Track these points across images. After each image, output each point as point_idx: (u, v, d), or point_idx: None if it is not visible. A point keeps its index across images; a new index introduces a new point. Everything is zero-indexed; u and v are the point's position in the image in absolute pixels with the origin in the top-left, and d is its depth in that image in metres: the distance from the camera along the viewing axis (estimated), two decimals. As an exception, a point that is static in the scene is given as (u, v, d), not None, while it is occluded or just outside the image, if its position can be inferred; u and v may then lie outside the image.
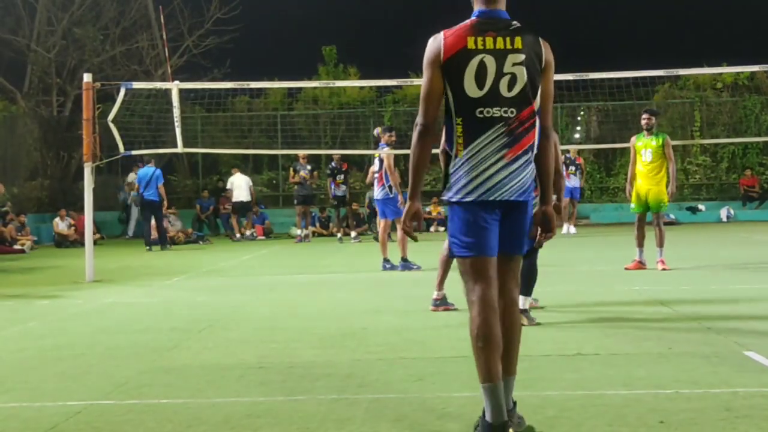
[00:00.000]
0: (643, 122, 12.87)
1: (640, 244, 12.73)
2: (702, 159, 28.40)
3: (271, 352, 7.08)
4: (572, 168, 22.50)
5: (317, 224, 25.70)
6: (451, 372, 6.05)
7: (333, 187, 22.49)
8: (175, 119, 14.82)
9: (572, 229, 22.16)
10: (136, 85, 17.06)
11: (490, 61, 4.35)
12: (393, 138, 13.92)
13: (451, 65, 4.36)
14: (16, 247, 20.97)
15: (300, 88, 28.54)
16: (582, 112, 29.87)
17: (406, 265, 13.62)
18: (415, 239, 4.83)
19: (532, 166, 4.49)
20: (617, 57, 24.42)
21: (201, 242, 23.36)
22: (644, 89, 27.47)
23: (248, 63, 30.05)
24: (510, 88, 4.37)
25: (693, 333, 7.43)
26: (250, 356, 6.88)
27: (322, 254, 18.36)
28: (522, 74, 4.37)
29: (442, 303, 9.09)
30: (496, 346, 4.30)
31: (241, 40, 30.31)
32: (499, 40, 4.36)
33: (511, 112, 4.38)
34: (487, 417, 4.24)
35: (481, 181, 4.38)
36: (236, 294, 11.35)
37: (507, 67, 4.36)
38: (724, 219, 26.66)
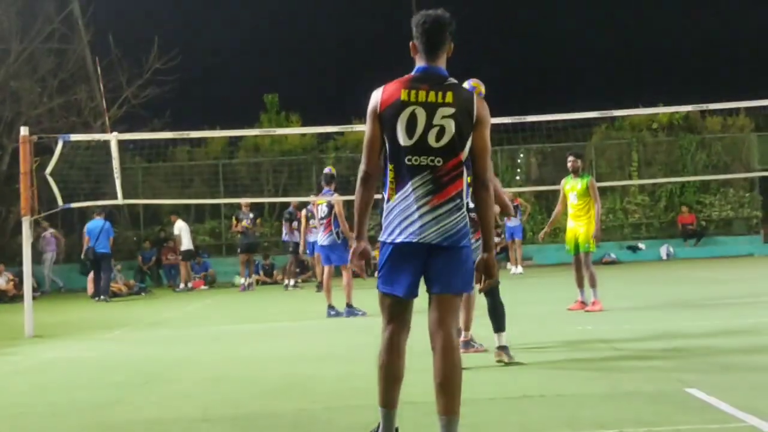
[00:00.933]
0: (568, 165, 13.10)
1: (580, 285, 12.83)
2: (641, 198, 28.82)
3: (215, 404, 6.99)
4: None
5: (261, 272, 25.52)
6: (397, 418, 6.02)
7: (286, 232, 22.42)
8: (115, 170, 14.67)
9: (518, 269, 22.33)
10: (74, 137, 16.86)
11: (420, 113, 4.69)
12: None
13: (386, 115, 4.75)
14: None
15: (241, 137, 28.47)
16: (521, 155, 30.20)
17: (351, 311, 13.59)
18: (363, 277, 5.27)
19: (461, 213, 4.77)
20: (555, 99, 24.86)
21: (143, 293, 23.06)
22: (582, 130, 28.07)
23: (188, 112, 29.99)
24: (438, 138, 4.69)
25: (636, 372, 7.50)
26: (194, 409, 6.79)
27: (267, 302, 18.25)
28: (450, 127, 4.69)
29: (469, 345, 8.77)
30: (395, 380, 4.82)
31: (180, 90, 30.18)
32: (431, 93, 4.71)
33: (438, 161, 4.71)
34: None
35: (407, 225, 4.72)
36: (179, 345, 11.21)
37: (436, 119, 4.69)
38: (664, 257, 27.05)
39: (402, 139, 4.71)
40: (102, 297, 20.85)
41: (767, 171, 27.10)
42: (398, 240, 4.74)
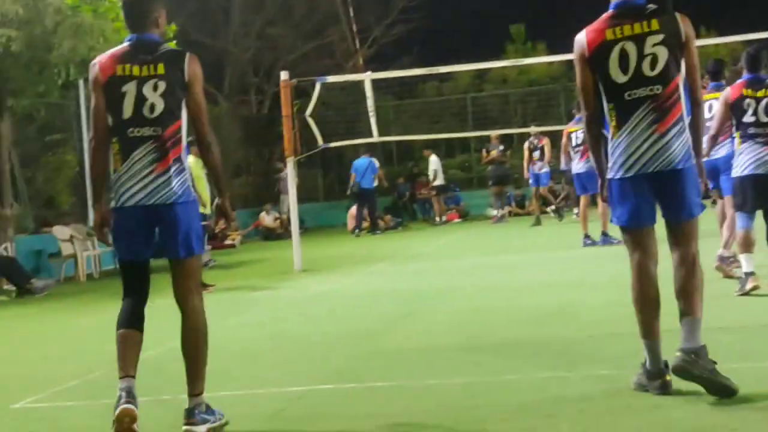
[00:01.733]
0: None
1: None
2: None
3: (479, 333, 7.17)
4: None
5: (513, 203, 25.56)
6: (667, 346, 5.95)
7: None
8: (369, 109, 15.10)
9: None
10: (331, 79, 17.47)
11: (630, 47, 4.72)
12: None
13: (596, 58, 4.81)
14: (227, 242, 21.95)
15: (488, 69, 28.44)
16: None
17: (606, 239, 13.41)
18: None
19: (686, 134, 4.81)
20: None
21: (400, 228, 23.72)
22: None
23: (435, 48, 30.22)
24: (653, 67, 4.71)
25: None
26: (459, 337, 6.99)
27: (519, 234, 18.30)
28: (662, 53, 4.71)
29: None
30: (653, 308, 4.80)
31: (426, 26, 30.50)
32: (636, 26, 4.72)
33: (658, 89, 4.73)
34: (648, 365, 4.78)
35: (637, 157, 4.77)
36: (438, 277, 11.51)
37: (647, 49, 4.71)
38: None
39: (617, 77, 4.76)
40: (372, 230, 22.19)
41: None
42: (630, 174, 4.80)
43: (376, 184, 22.95)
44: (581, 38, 4.87)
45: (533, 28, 31.56)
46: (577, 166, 14.06)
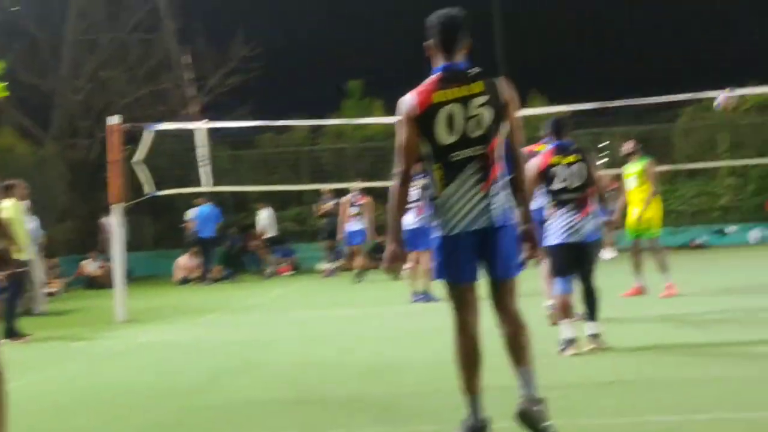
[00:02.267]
0: (624, 150, 12.97)
1: (638, 269, 12.60)
2: (730, 181, 28.22)
3: (307, 387, 7.11)
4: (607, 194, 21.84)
5: (345, 258, 25.61)
6: (487, 404, 6.03)
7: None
8: (203, 158, 14.91)
9: (608, 254, 21.60)
10: (163, 125, 17.18)
11: (457, 109, 4.93)
12: None
13: (424, 119, 4.96)
14: (48, 290, 21.09)
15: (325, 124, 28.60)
16: (606, 139, 29.79)
17: (427, 297, 13.61)
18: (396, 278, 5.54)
19: (507, 192, 5.04)
20: (641, 82, 24.43)
21: (231, 279, 23.40)
22: (668, 113, 27.54)
23: (273, 99, 30.24)
24: (478, 128, 4.94)
25: (728, 356, 7.42)
26: (288, 392, 6.92)
27: (350, 288, 18.34)
28: (486, 114, 4.94)
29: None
30: (475, 364, 4.98)
31: (265, 77, 30.51)
32: (463, 89, 4.94)
33: (481, 150, 4.96)
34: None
35: (462, 215, 4.96)
36: (269, 330, 11.40)
37: (472, 111, 4.93)
38: (754, 241, 26.46)
39: (445, 138, 4.93)
40: (206, 281, 22.00)
41: None
42: (455, 231, 4.97)
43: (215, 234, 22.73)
44: (410, 99, 5.02)
45: (371, 84, 32.03)
46: (410, 221, 14.16)
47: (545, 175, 8.10)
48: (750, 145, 28.12)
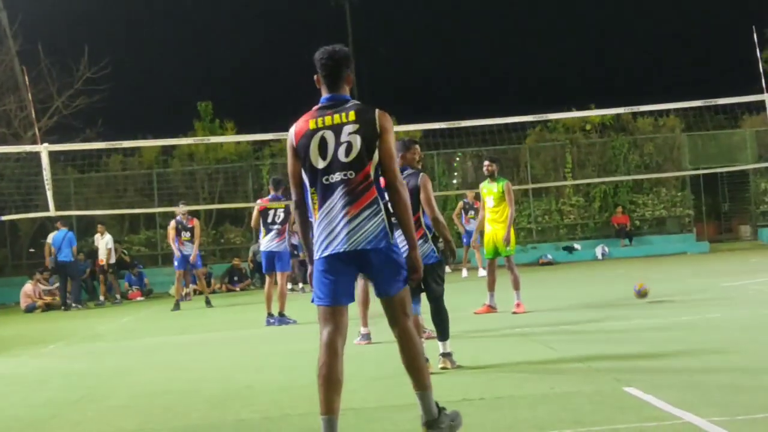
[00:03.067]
0: (484, 169, 13.15)
1: (491, 288, 12.85)
2: (575, 199, 29.14)
3: (153, 417, 6.90)
4: (471, 212, 22.03)
5: (197, 282, 25.17)
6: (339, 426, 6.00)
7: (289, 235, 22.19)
8: (46, 182, 14.43)
9: (465, 273, 21.93)
10: (4, 149, 16.56)
11: (329, 135, 5.18)
12: None
13: (301, 146, 5.25)
14: None
15: (176, 145, 28.14)
16: (458, 158, 30.36)
17: (283, 319, 13.53)
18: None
19: (380, 217, 5.18)
20: (490, 103, 25.04)
21: (79, 306, 22.66)
22: (516, 134, 28.34)
23: (121, 121, 29.62)
24: (347, 154, 5.15)
25: (573, 372, 7.57)
26: (132, 423, 6.70)
27: (205, 312, 18.04)
28: (356, 142, 5.15)
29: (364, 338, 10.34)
30: (336, 385, 5.04)
31: (112, 99, 29.85)
32: (336, 116, 5.20)
33: (351, 174, 5.14)
34: None
35: (332, 238, 5.13)
36: (116, 359, 11.05)
37: (343, 137, 5.16)
38: (600, 257, 27.36)
39: (317, 163, 5.18)
40: (74, 305, 21.82)
41: (698, 170, 27.59)
42: (326, 253, 5.15)
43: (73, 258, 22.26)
44: (291, 129, 5.31)
45: (221, 105, 31.71)
46: (270, 243, 14.03)
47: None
48: (593, 165, 29.20)
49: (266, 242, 14.08)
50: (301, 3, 45.78)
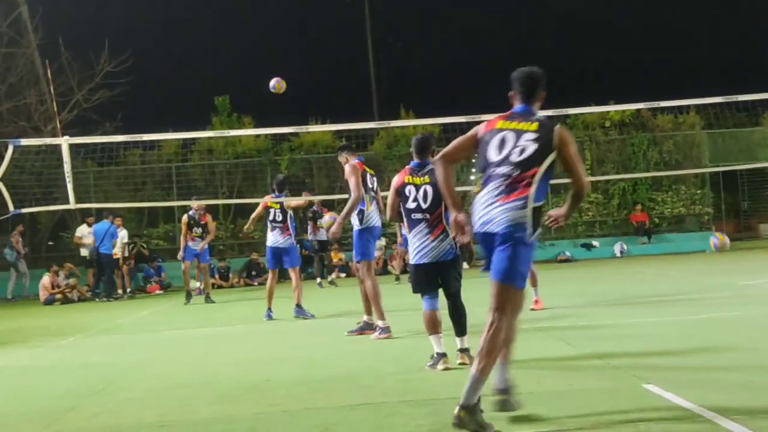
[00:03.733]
0: None
1: None
2: (594, 196, 29.03)
3: (171, 409, 6.92)
4: None
5: (216, 275, 25.27)
6: (356, 420, 6.01)
7: (311, 231, 22.34)
8: (66, 175, 14.49)
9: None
10: (25, 141, 16.64)
11: (510, 136, 5.93)
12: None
13: (484, 136, 6.10)
14: None
15: (195, 139, 28.21)
16: (476, 154, 30.27)
17: (300, 311, 13.67)
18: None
19: (522, 211, 5.79)
20: (506, 99, 24.95)
21: (97, 299, 22.78)
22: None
23: (141, 115, 29.67)
24: (519, 155, 5.90)
25: (593, 369, 7.55)
26: (150, 415, 6.71)
27: (222, 306, 18.09)
28: (530, 147, 5.86)
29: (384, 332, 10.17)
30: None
31: (132, 93, 29.93)
32: (522, 124, 5.95)
33: (515, 172, 5.80)
34: None
35: (486, 218, 5.89)
36: (134, 351, 11.09)
37: (521, 142, 5.89)
38: (618, 254, 27.26)
39: (492, 156, 5.95)
40: (106, 298, 22.18)
41: (718, 168, 27.43)
42: (482, 230, 5.88)
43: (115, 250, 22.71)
44: (483, 124, 6.19)
45: (238, 100, 31.71)
46: (276, 239, 14.14)
47: (400, 193, 8.24)
48: (612, 161, 29.06)
49: (272, 238, 14.28)
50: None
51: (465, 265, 21.60)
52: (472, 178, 30.19)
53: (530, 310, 12.29)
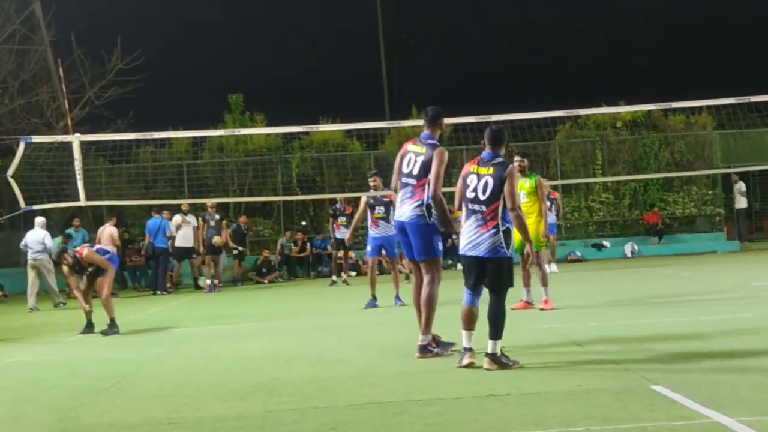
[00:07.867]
0: (515, 165, 13.05)
1: (527, 284, 12.83)
2: (605, 196, 28.93)
3: (181, 406, 6.95)
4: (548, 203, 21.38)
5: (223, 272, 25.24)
6: (364, 419, 6.02)
7: (334, 228, 22.37)
8: (77, 172, 14.54)
9: (554, 267, 20.99)
10: (36, 138, 16.70)
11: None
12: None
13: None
14: None
15: (206, 137, 28.22)
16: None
17: (398, 300, 14.40)
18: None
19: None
20: (520, 98, 24.94)
21: (159, 292, 22.79)
22: (546, 129, 28.11)
23: (152, 113, 29.76)
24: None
25: (601, 369, 7.54)
26: (159, 412, 6.74)
27: (233, 304, 18.12)
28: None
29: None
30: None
31: (144, 90, 29.99)
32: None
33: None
34: None
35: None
36: (145, 348, 11.12)
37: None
38: (629, 254, 27.18)
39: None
40: (159, 291, 22.55)
41: (729, 169, 27.33)
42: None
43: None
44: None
45: (251, 98, 31.74)
46: (374, 232, 14.87)
47: (463, 182, 8.21)
48: (623, 162, 28.98)
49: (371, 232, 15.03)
50: (331, -6, 45.81)
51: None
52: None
53: (540, 310, 12.30)
